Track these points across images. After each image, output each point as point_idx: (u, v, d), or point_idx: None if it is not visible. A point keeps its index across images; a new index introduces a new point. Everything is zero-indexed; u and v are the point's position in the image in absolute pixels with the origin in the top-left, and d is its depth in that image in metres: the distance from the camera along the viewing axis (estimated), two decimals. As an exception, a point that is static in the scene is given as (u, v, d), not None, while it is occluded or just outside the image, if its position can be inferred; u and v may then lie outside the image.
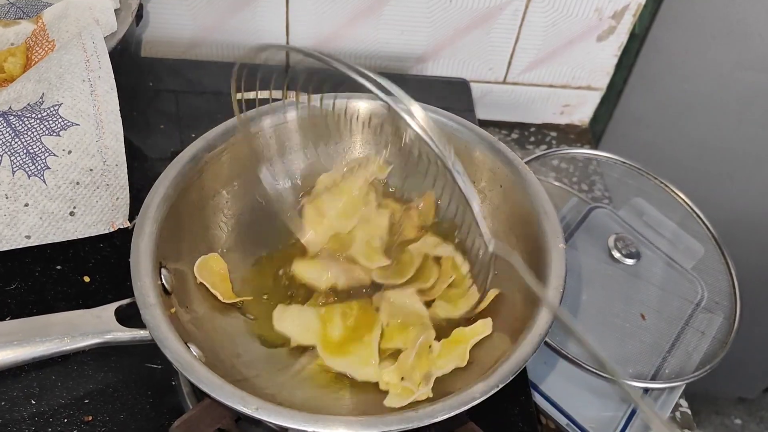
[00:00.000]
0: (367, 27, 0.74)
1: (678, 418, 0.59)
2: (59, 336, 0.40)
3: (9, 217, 0.49)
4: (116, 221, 0.52)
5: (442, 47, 0.76)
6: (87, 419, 0.47)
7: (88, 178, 0.50)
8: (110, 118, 0.50)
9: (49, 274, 0.54)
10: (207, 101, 0.73)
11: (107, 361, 0.50)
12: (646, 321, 0.60)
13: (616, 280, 0.62)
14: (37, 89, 0.49)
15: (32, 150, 0.48)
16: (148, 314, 0.40)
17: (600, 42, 0.75)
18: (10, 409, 0.47)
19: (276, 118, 0.53)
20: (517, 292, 0.47)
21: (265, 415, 0.37)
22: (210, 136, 0.50)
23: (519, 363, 0.40)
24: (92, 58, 0.49)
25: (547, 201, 0.47)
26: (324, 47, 0.76)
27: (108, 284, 0.55)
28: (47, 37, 0.55)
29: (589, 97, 0.81)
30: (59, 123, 0.48)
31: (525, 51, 0.76)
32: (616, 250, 0.64)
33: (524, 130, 0.82)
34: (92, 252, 0.56)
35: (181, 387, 0.49)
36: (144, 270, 0.42)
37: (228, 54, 0.77)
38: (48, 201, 0.49)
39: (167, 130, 0.69)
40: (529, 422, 0.51)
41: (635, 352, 0.58)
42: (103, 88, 0.49)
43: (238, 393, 0.38)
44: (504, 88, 0.80)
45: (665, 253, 0.65)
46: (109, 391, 0.49)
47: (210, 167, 0.50)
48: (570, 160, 0.78)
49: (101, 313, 0.42)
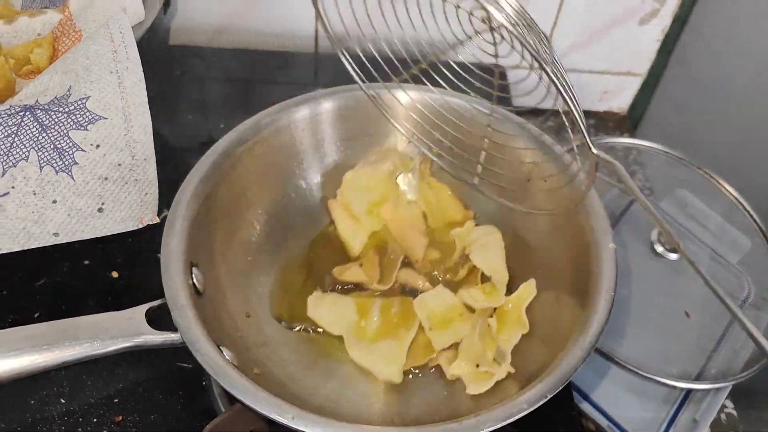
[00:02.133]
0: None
1: (723, 420, 0.57)
2: (89, 340, 0.39)
3: (37, 214, 0.48)
4: (145, 217, 0.51)
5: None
6: (117, 419, 0.47)
7: (117, 173, 0.49)
8: (138, 111, 0.48)
9: (78, 269, 0.54)
10: (236, 89, 0.72)
11: (138, 361, 0.49)
12: (691, 318, 0.58)
13: (658, 276, 0.60)
14: (64, 81, 0.48)
15: (60, 145, 0.47)
16: (179, 316, 0.39)
17: (642, 25, 0.72)
18: (40, 408, 0.47)
19: (311, 110, 0.51)
20: (562, 294, 0.45)
21: (302, 424, 0.36)
22: (241, 129, 0.49)
23: (569, 371, 0.38)
24: (120, 49, 0.48)
25: (596, 198, 0.45)
26: (355, 32, 0.74)
27: (136, 279, 0.54)
28: (74, 27, 0.54)
29: (630, 83, 0.79)
30: (87, 117, 0.47)
31: (563, 35, 0.73)
32: (659, 244, 0.61)
33: (561, 118, 0.80)
34: (120, 247, 0.55)
35: (212, 388, 0.48)
36: (175, 270, 0.41)
37: (256, 41, 0.76)
38: (76, 197, 0.48)
39: (196, 119, 0.68)
40: (571, 425, 0.49)
41: (679, 351, 0.56)
42: (131, 80, 0.48)
43: (273, 401, 0.37)
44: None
45: (710, 246, 0.63)
46: (140, 391, 0.48)
47: (242, 161, 0.49)
48: (609, 149, 0.76)
49: (132, 315, 0.41)
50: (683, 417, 0.54)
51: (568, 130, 0.40)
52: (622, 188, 0.70)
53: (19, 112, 0.46)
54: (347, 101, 0.52)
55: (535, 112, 0.50)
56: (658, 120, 0.85)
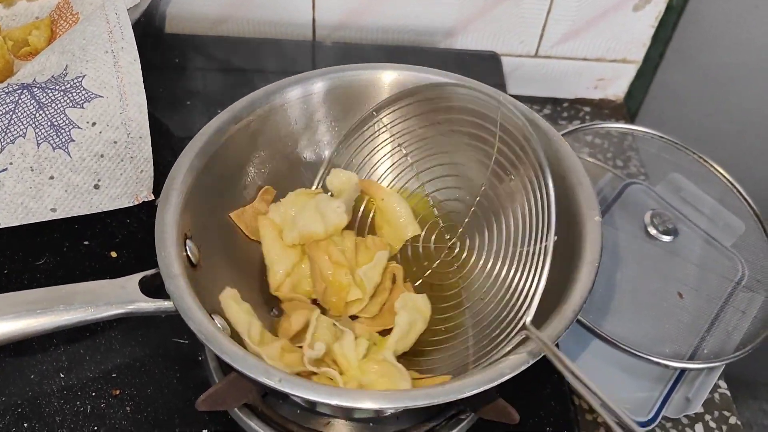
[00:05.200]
0: (395, 0, 0.73)
1: (717, 399, 0.57)
2: (83, 305, 0.40)
3: (35, 189, 0.49)
4: (140, 194, 0.52)
5: (471, 20, 0.74)
6: (114, 392, 0.47)
7: (113, 150, 0.50)
8: (134, 90, 0.49)
9: (77, 249, 0.55)
10: (233, 78, 0.72)
11: (135, 336, 0.50)
12: (684, 300, 0.58)
13: (652, 258, 0.61)
14: (60, 61, 0.48)
15: (56, 122, 0.48)
16: (172, 285, 0.40)
17: (636, 12, 0.73)
18: (39, 382, 0.48)
19: (303, 89, 0.52)
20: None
21: (288, 387, 0.36)
22: (236, 108, 0.50)
23: (552, 339, 0.38)
24: (115, 30, 0.49)
25: (583, 172, 0.45)
26: (351, 22, 0.75)
27: (134, 259, 0.55)
28: (71, 10, 0.55)
29: (625, 71, 0.79)
30: (83, 95, 0.48)
31: (557, 22, 0.74)
32: (653, 226, 0.62)
33: (557, 106, 0.80)
34: (119, 227, 0.56)
35: (207, 362, 0.49)
36: (169, 241, 0.42)
37: (253, 30, 0.77)
38: (73, 174, 0.49)
39: (193, 107, 0.69)
40: (562, 402, 0.49)
41: (672, 332, 0.56)
42: (126, 60, 0.49)
43: (261, 365, 0.37)
44: (536, 62, 0.78)
45: (704, 230, 0.63)
46: (137, 366, 0.49)
47: (235, 139, 0.49)
48: (604, 135, 0.76)
49: (125, 283, 0.42)
50: (677, 396, 0.54)
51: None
52: (616, 173, 0.71)
53: (16, 90, 0.47)
54: (339, 81, 0.53)
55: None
56: (656, 108, 0.85)
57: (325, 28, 0.76)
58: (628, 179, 0.67)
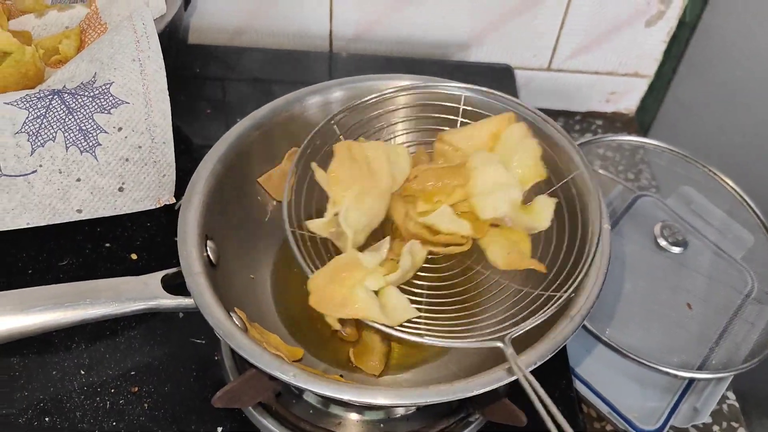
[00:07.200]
0: (410, 13, 0.75)
1: (725, 410, 0.57)
2: (107, 300, 0.41)
3: (62, 191, 0.51)
4: (162, 197, 0.54)
5: (485, 33, 0.76)
6: (133, 390, 0.49)
7: (137, 154, 0.52)
8: (159, 97, 0.51)
9: (99, 251, 0.56)
10: (252, 87, 0.74)
11: (153, 336, 0.51)
12: (693, 311, 0.58)
13: (662, 269, 0.61)
14: (89, 69, 0.50)
15: (85, 127, 0.50)
16: (192, 282, 0.41)
17: (648, 27, 0.74)
18: (61, 379, 0.49)
19: (323, 98, 0.53)
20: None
21: (302, 382, 0.37)
22: (257, 115, 0.51)
23: (557, 343, 0.39)
24: (142, 39, 0.51)
25: (591, 180, 0.46)
26: (366, 34, 0.77)
27: (154, 261, 0.56)
28: (100, 20, 0.57)
29: (636, 85, 0.80)
30: (110, 101, 0.50)
31: (570, 36, 0.75)
32: (663, 238, 0.62)
33: (569, 119, 0.81)
34: (139, 230, 0.58)
35: (224, 361, 0.50)
36: (190, 240, 0.43)
37: (272, 41, 0.79)
38: (99, 176, 0.51)
39: (213, 116, 0.70)
40: (570, 408, 0.50)
41: (681, 342, 0.56)
42: (152, 68, 0.51)
43: (276, 362, 0.38)
44: (548, 75, 0.79)
45: (713, 242, 0.64)
46: (155, 364, 0.50)
47: (257, 145, 0.51)
48: (616, 148, 0.77)
49: (148, 280, 0.43)
50: (685, 406, 0.55)
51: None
52: (626, 185, 0.72)
53: (47, 95, 0.49)
54: (358, 91, 0.54)
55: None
56: (669, 123, 0.86)
57: (341, 40, 0.78)
58: (638, 191, 0.67)
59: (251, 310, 0.46)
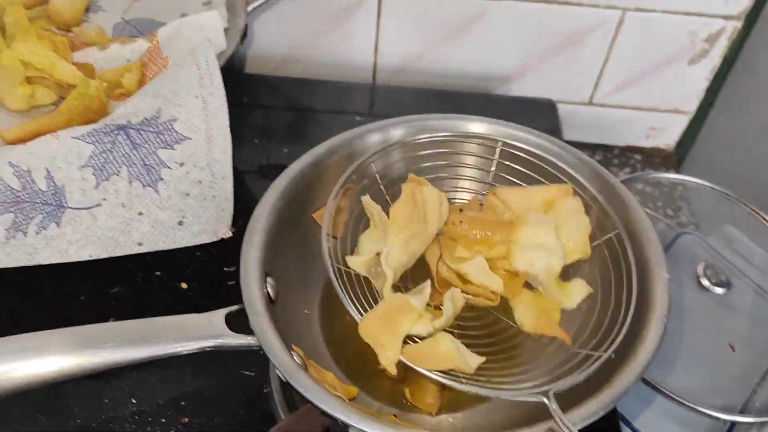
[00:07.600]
0: (455, 47, 0.76)
1: (767, 454, 0.57)
2: (174, 338, 0.42)
3: (124, 224, 0.52)
4: (219, 231, 0.55)
5: (529, 68, 0.76)
6: (184, 420, 0.49)
7: (197, 189, 0.53)
8: (220, 133, 0.52)
9: (150, 280, 0.57)
10: (298, 117, 0.75)
11: (204, 367, 0.52)
12: (735, 352, 0.58)
13: (703, 309, 0.61)
14: (153, 104, 0.52)
15: (148, 162, 0.51)
16: (256, 321, 0.42)
17: (692, 65, 0.74)
18: (113, 407, 0.50)
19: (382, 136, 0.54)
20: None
21: (364, 425, 0.38)
22: (316, 153, 0.52)
23: (615, 397, 0.39)
24: (205, 76, 0.52)
25: (651, 227, 0.47)
26: (410, 66, 0.78)
27: (203, 291, 0.57)
28: (161, 55, 0.58)
29: (677, 121, 0.80)
30: (174, 137, 0.51)
31: (613, 73, 0.76)
32: (706, 278, 0.62)
33: (608, 153, 0.82)
34: (189, 260, 0.59)
35: (273, 395, 0.51)
36: (252, 278, 0.44)
37: (318, 72, 0.80)
38: (160, 210, 0.52)
39: (260, 145, 0.72)
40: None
41: (723, 384, 0.56)
42: (214, 104, 0.52)
43: (338, 402, 0.39)
44: (590, 110, 0.80)
45: (756, 282, 0.63)
46: (205, 396, 0.51)
47: (315, 182, 0.52)
48: (655, 184, 0.77)
49: (212, 317, 0.44)
50: (726, 451, 0.55)
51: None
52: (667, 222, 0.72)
53: (113, 130, 0.51)
54: (418, 131, 0.54)
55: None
56: (704, 156, 0.86)
57: (385, 72, 0.79)
58: (679, 229, 0.68)
59: (306, 345, 0.47)
